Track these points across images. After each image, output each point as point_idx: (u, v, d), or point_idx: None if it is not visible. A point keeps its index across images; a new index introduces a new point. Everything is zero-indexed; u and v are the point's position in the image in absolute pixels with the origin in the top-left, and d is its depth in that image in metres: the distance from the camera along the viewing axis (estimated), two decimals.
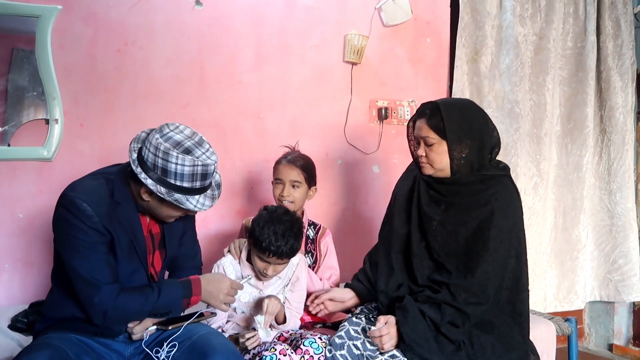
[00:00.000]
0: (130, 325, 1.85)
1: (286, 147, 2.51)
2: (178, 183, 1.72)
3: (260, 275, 2.12)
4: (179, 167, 1.70)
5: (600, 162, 3.75)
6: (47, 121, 2.57)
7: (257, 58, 2.99)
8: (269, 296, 2.08)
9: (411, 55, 3.35)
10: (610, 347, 3.88)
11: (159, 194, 1.73)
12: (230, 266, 2.17)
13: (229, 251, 2.22)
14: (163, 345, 1.82)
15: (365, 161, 3.26)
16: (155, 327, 1.87)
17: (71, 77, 2.63)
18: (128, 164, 1.81)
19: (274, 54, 3.03)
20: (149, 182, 1.72)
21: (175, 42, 2.82)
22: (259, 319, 2.00)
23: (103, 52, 2.69)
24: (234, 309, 2.16)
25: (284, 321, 2.13)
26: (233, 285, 1.97)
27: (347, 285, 2.28)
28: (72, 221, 1.71)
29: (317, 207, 3.01)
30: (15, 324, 2.25)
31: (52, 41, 2.55)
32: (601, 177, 3.75)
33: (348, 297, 2.24)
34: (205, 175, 1.76)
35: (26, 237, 2.59)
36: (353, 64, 3.18)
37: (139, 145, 1.80)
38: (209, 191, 1.83)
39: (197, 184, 1.76)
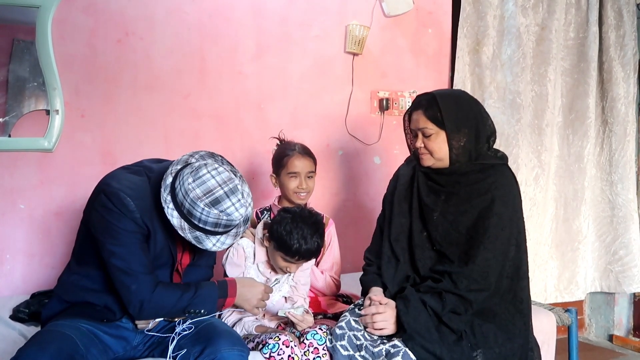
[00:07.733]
0: None
1: (276, 138, 2.46)
2: (201, 225, 1.76)
3: (280, 271, 2.12)
4: (203, 216, 1.73)
5: (601, 153, 3.74)
6: (47, 112, 2.56)
7: (258, 48, 2.98)
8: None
9: (412, 45, 3.34)
10: (611, 337, 3.89)
11: (179, 231, 1.75)
12: (249, 247, 2.17)
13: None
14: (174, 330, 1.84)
15: (366, 152, 3.25)
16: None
17: (72, 67, 2.63)
18: (166, 168, 1.82)
19: (274, 44, 3.02)
20: (175, 216, 1.75)
21: (176, 33, 2.81)
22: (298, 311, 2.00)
23: (103, 43, 2.68)
24: None
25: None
26: (266, 290, 1.99)
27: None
28: (114, 210, 1.73)
29: (319, 197, 3.01)
30: (17, 314, 2.26)
31: (52, 32, 2.53)
32: (602, 168, 3.74)
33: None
34: (228, 226, 1.79)
35: (27, 227, 2.59)
36: (354, 54, 3.17)
37: (179, 168, 1.81)
38: (233, 230, 1.85)
39: (220, 230, 1.79)
